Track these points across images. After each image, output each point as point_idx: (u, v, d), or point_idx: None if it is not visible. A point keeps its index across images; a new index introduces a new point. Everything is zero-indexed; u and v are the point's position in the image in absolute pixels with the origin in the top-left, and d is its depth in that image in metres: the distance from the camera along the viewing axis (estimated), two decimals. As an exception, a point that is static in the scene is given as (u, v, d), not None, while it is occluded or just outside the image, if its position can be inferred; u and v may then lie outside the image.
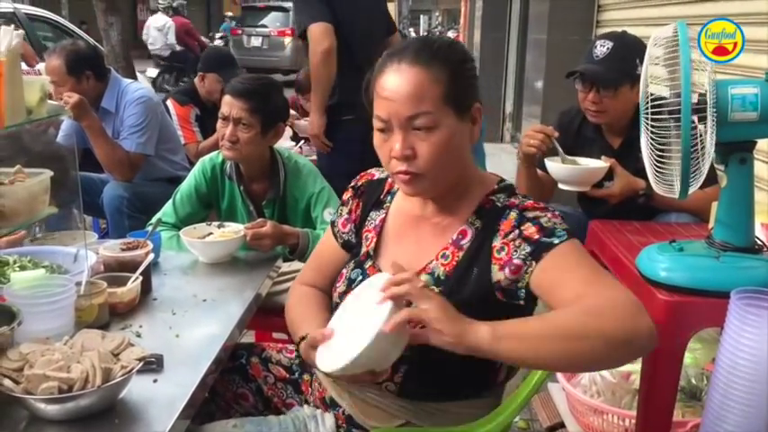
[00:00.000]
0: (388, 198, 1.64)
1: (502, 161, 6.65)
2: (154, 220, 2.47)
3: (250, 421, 1.57)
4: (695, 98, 1.66)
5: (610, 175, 2.51)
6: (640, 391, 1.89)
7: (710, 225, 1.89)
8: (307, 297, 1.71)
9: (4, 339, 1.39)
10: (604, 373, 2.19)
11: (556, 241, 1.37)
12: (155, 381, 1.49)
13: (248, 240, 2.30)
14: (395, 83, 1.40)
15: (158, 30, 12.93)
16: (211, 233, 2.37)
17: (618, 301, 1.28)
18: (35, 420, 1.34)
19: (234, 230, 2.37)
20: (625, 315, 1.25)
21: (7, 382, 1.31)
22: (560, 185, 2.56)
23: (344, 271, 1.62)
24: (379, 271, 1.55)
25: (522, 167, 2.62)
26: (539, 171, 2.65)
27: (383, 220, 1.61)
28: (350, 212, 1.69)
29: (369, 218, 1.64)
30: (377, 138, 1.46)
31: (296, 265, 2.59)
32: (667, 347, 1.75)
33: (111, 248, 2.03)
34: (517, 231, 1.41)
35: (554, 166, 2.52)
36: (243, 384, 1.76)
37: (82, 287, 1.71)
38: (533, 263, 1.37)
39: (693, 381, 2.16)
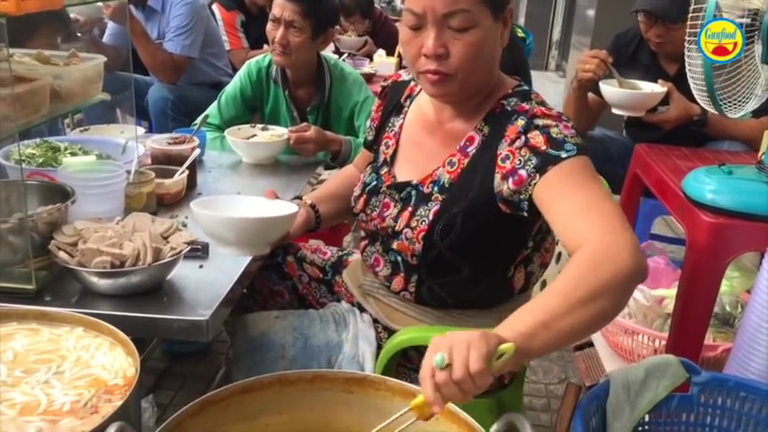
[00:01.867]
0: (407, 103, 1.62)
1: (546, 90, 6.52)
2: (199, 119, 2.49)
3: (291, 313, 1.61)
4: (748, 19, 1.61)
5: (664, 100, 2.46)
6: (675, 310, 1.90)
7: (762, 151, 1.85)
8: (342, 171, 1.85)
9: (59, 215, 1.43)
10: (637, 295, 2.19)
11: (563, 155, 1.29)
12: (200, 266, 1.54)
13: (291, 144, 2.32)
14: None
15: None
16: (255, 135, 2.39)
17: (612, 244, 1.15)
18: (88, 293, 1.40)
19: (278, 133, 2.39)
20: (622, 258, 1.13)
21: (62, 255, 1.36)
22: (614, 110, 2.51)
23: (362, 175, 1.64)
24: (394, 178, 1.55)
25: (573, 95, 2.58)
26: (588, 94, 2.60)
27: (401, 126, 1.61)
28: (375, 111, 1.71)
29: (389, 123, 1.64)
30: (405, 33, 1.40)
31: (336, 172, 2.61)
32: (707, 269, 1.75)
33: (159, 142, 2.06)
34: (523, 139, 1.34)
35: (610, 90, 2.47)
36: (279, 282, 1.80)
37: (131, 175, 1.74)
38: (537, 176, 1.30)
39: (728, 308, 2.15)
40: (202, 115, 2.49)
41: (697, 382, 1.55)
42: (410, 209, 1.47)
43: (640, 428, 1.55)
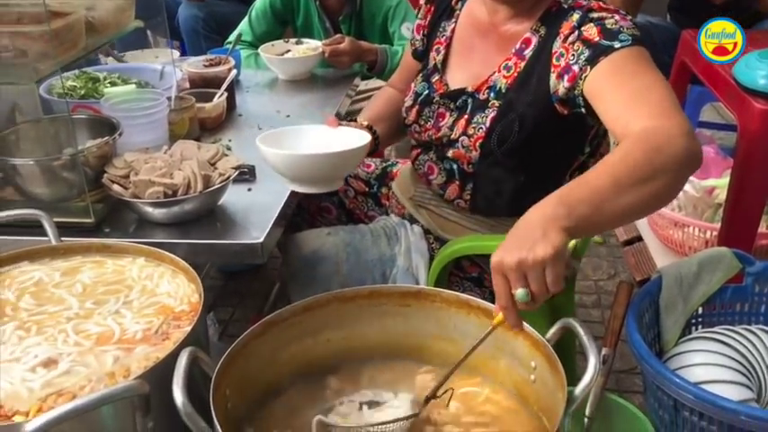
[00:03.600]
0: (459, 5, 1.57)
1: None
2: (232, 37, 2.46)
3: (342, 229, 1.63)
4: None
5: None
6: (727, 200, 1.87)
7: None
8: (383, 93, 1.78)
9: (108, 149, 1.46)
10: (687, 187, 2.16)
11: (617, 45, 1.24)
12: (249, 189, 1.56)
13: (327, 57, 2.29)
14: None
15: None
16: (289, 50, 2.37)
17: (665, 127, 1.11)
18: (143, 223, 1.44)
19: (312, 47, 2.36)
20: (677, 141, 1.09)
21: (116, 188, 1.39)
22: None
23: (413, 84, 1.60)
24: (446, 86, 1.51)
25: None
26: None
27: (453, 31, 1.56)
28: (423, 17, 1.64)
29: (440, 28, 1.59)
30: None
31: (373, 83, 2.58)
32: (760, 157, 1.71)
33: (195, 65, 2.05)
34: (577, 33, 1.30)
35: None
36: (325, 198, 1.81)
37: (172, 102, 1.75)
38: (588, 68, 1.25)
39: (781, 195, 2.11)
40: (235, 33, 2.46)
41: (751, 273, 1.55)
42: (466, 116, 1.45)
43: (693, 321, 1.57)
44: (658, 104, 1.16)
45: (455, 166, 1.48)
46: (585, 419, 1.33)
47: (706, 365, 1.39)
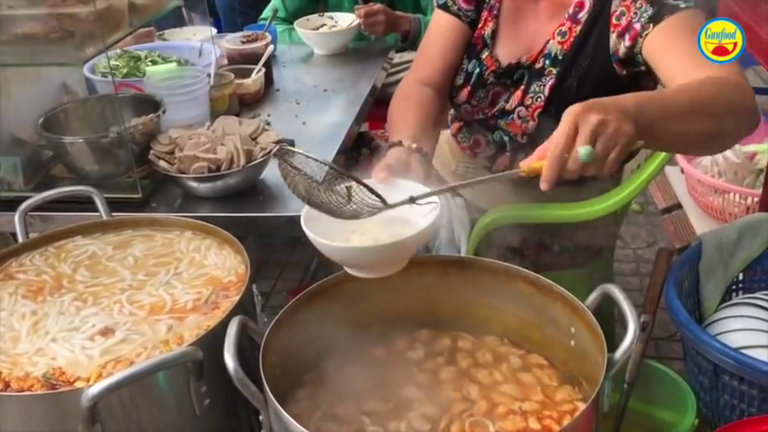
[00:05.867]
0: None
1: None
2: (266, 13, 2.48)
3: (384, 203, 1.64)
4: None
5: None
6: (769, 167, 1.85)
7: None
8: (410, 97, 1.49)
9: (154, 126, 1.50)
10: (727, 153, 2.13)
11: (682, 5, 1.25)
12: (289, 163, 1.59)
13: (362, 22, 2.30)
14: None
15: None
16: (324, 24, 2.38)
17: (733, 80, 1.14)
18: (188, 198, 1.48)
19: (347, 20, 2.37)
20: (747, 90, 1.15)
21: (162, 163, 1.43)
22: None
23: (463, 64, 1.55)
24: (498, 62, 1.47)
25: None
26: None
27: (500, 1, 1.51)
28: None
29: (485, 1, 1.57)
30: None
31: (408, 55, 2.58)
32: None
33: (233, 41, 2.08)
34: None
35: None
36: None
37: (211, 78, 1.78)
38: (651, 26, 1.25)
39: (824, 159, 2.08)
40: (269, 8, 2.48)
41: (793, 239, 1.54)
42: (522, 87, 1.43)
43: (734, 287, 1.57)
44: (726, 67, 1.16)
45: (506, 138, 1.47)
46: (625, 386, 1.35)
47: (746, 331, 1.40)
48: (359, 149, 1.85)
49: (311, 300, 1.12)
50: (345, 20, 2.38)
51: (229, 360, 0.93)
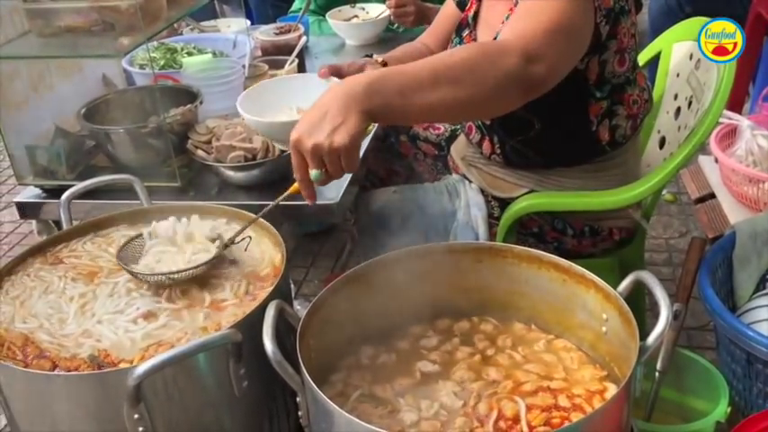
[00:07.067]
0: None
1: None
2: (297, 5, 2.51)
3: (408, 188, 1.67)
4: None
5: None
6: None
7: None
8: (409, 44, 1.73)
9: (192, 116, 1.53)
10: (762, 142, 2.11)
11: None
12: (323, 152, 1.61)
13: (392, 13, 2.32)
14: None
15: None
16: (356, 15, 2.41)
17: (511, 46, 1.11)
18: (225, 186, 1.52)
19: (378, 11, 2.39)
20: (509, 60, 1.09)
21: (200, 153, 1.47)
22: None
23: (452, 43, 1.59)
24: (475, 40, 1.50)
25: None
26: None
27: None
28: None
29: None
30: None
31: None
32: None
33: (266, 33, 2.11)
34: None
35: None
36: (395, 161, 1.84)
37: (246, 69, 1.81)
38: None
39: None
40: (299, 2, 2.50)
41: (828, 228, 1.52)
42: None
43: (767, 277, 1.56)
44: (535, 26, 1.15)
45: (481, 122, 1.50)
46: (657, 374, 1.35)
47: (780, 320, 1.39)
48: (396, 136, 1.87)
49: (346, 285, 1.14)
50: (376, 10, 2.40)
51: (268, 342, 0.96)
